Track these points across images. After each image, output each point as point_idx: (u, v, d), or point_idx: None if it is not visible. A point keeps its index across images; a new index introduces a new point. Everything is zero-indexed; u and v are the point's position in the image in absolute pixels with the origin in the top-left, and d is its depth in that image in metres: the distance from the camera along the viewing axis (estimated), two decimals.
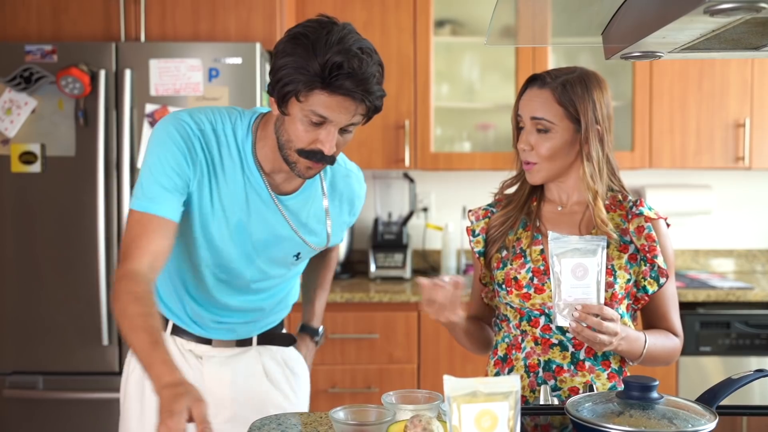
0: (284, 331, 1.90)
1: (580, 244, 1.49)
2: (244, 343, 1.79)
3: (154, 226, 1.50)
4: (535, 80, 1.63)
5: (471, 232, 1.72)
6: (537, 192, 1.70)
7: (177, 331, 1.76)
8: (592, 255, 1.48)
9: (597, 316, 1.46)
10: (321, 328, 2.02)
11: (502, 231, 1.67)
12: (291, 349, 1.88)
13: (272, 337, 1.84)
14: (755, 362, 3.05)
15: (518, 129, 1.66)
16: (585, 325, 1.46)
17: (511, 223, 1.67)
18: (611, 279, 1.58)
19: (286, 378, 1.85)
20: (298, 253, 1.71)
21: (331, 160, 1.53)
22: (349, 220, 1.82)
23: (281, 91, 1.46)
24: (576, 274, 1.48)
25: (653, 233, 1.60)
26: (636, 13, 1.26)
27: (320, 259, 1.98)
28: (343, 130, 1.51)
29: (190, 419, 1.21)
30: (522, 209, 1.68)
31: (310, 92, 1.44)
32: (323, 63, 1.41)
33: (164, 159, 1.53)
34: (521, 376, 1.61)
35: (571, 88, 1.59)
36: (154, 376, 1.29)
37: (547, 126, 1.59)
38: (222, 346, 1.77)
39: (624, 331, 1.51)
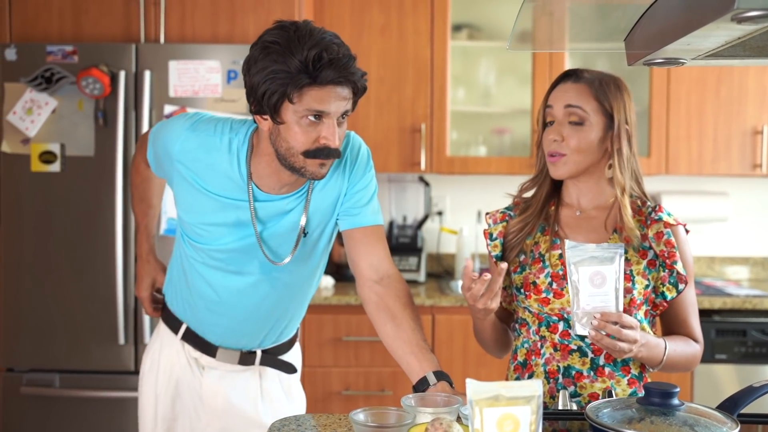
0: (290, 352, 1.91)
1: (597, 252, 1.49)
2: (247, 360, 1.81)
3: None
4: (570, 75, 1.63)
5: (488, 235, 1.71)
6: (555, 196, 1.70)
7: (187, 337, 1.80)
8: (610, 263, 1.48)
9: (616, 323, 1.46)
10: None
11: (520, 237, 1.66)
12: (293, 376, 1.90)
13: (274, 361, 1.85)
14: None
15: (544, 125, 1.65)
16: (604, 333, 1.46)
17: (529, 229, 1.66)
18: (629, 285, 1.58)
19: (285, 400, 1.86)
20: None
21: (337, 153, 1.54)
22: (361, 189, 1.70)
23: (270, 101, 1.47)
24: (594, 282, 1.48)
25: (672, 239, 1.60)
26: (660, 20, 1.26)
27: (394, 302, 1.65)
28: (338, 121, 1.53)
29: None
30: (540, 214, 1.67)
31: (301, 91, 1.46)
32: (303, 60, 1.44)
33: (161, 147, 1.71)
34: (541, 382, 1.61)
35: (606, 85, 1.61)
36: (138, 240, 1.93)
37: (582, 116, 1.59)
38: (225, 360, 1.80)
39: (644, 338, 1.51)
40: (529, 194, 1.73)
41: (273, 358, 1.84)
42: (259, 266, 1.71)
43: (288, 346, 1.88)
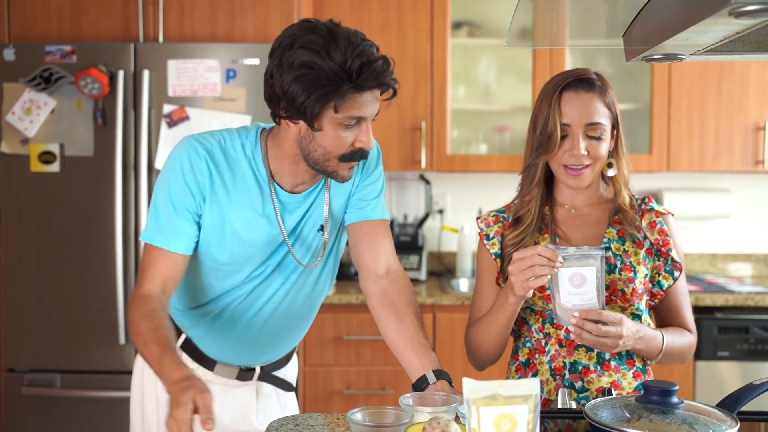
0: (288, 367, 1.88)
1: (577, 254, 1.48)
2: (245, 377, 1.77)
3: (164, 258, 1.55)
4: (580, 83, 1.60)
5: (485, 236, 1.69)
6: (547, 199, 1.69)
7: (185, 347, 1.77)
8: (591, 263, 1.47)
9: (597, 322, 1.46)
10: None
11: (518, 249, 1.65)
12: (290, 394, 1.87)
13: (272, 378, 1.82)
14: None
15: (558, 137, 1.59)
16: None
17: (527, 242, 1.65)
18: (631, 274, 1.59)
19: (281, 414, 1.83)
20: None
21: (367, 154, 1.55)
22: (373, 182, 1.72)
23: (312, 110, 1.44)
24: (574, 282, 1.48)
25: (665, 227, 1.63)
26: (659, 15, 1.25)
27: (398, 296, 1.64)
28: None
29: (196, 411, 1.26)
30: (535, 227, 1.65)
31: (343, 99, 1.44)
32: (347, 68, 1.42)
33: (174, 192, 1.55)
34: (547, 380, 1.61)
35: (608, 87, 1.62)
36: (165, 378, 1.35)
37: (601, 131, 1.59)
38: (223, 375, 1.75)
39: (640, 331, 1.52)
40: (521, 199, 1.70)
41: (270, 375, 1.81)
42: (282, 275, 1.67)
43: (285, 360, 1.85)
